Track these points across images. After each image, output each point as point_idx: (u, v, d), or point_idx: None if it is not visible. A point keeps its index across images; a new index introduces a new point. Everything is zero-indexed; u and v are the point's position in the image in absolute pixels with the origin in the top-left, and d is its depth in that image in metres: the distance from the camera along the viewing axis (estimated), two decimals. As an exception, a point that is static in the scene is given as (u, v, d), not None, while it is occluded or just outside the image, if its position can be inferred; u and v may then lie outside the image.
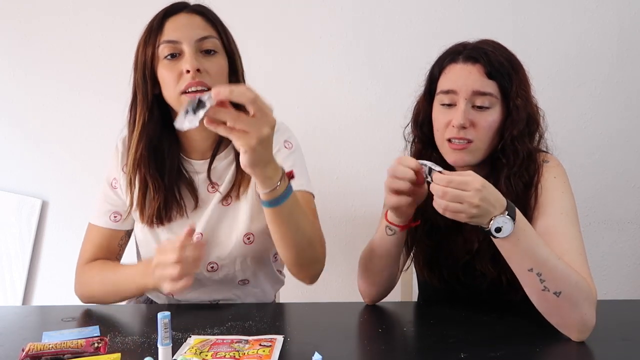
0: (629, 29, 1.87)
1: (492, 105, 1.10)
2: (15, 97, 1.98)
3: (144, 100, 1.15)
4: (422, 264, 1.26)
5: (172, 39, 1.12)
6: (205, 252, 1.07)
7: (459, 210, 0.93)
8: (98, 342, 0.94)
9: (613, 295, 1.92)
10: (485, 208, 0.92)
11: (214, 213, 1.22)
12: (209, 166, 1.21)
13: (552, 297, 0.97)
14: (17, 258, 2.01)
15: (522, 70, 1.15)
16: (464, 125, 1.09)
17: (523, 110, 1.11)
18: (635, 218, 1.94)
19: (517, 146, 1.10)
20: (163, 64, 1.13)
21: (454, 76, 1.12)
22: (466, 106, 1.09)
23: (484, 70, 1.10)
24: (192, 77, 1.09)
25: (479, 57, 1.10)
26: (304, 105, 1.94)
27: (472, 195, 0.91)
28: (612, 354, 0.97)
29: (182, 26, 1.14)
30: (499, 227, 0.94)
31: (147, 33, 1.16)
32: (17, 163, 2.00)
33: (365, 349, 1.00)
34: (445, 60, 1.15)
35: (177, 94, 1.11)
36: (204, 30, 1.14)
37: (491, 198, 0.93)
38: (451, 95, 1.11)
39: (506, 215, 0.94)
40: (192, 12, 1.17)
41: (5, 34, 1.96)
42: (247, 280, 1.30)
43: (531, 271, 0.96)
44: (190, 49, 1.11)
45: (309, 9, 1.91)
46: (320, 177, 1.94)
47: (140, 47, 1.16)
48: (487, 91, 1.09)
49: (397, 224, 1.10)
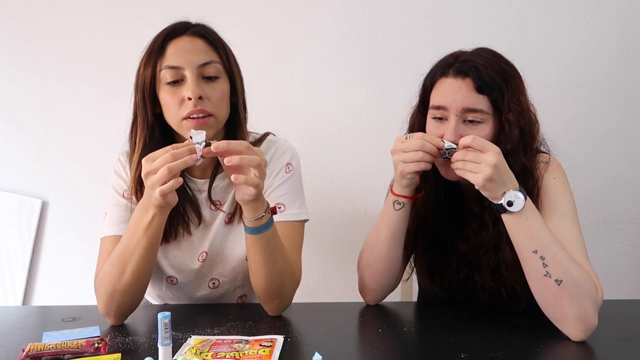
0: (629, 29, 1.87)
1: (484, 120, 1.10)
2: (15, 97, 1.98)
3: (144, 121, 1.15)
4: (422, 272, 1.26)
5: (174, 64, 1.11)
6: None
7: (476, 170, 0.98)
8: (98, 342, 0.94)
9: (613, 295, 1.91)
10: (499, 174, 0.98)
11: (219, 232, 1.24)
12: (209, 185, 1.22)
13: (553, 285, 0.98)
14: (17, 258, 2.01)
15: (516, 81, 1.12)
16: (455, 141, 1.08)
17: (516, 126, 1.10)
18: (635, 218, 1.94)
19: (510, 161, 1.08)
20: (165, 89, 1.13)
21: (444, 92, 1.12)
22: (457, 122, 1.09)
23: (474, 85, 1.08)
24: (193, 104, 1.09)
25: (468, 71, 1.09)
26: (304, 105, 1.94)
27: (490, 155, 0.98)
28: (612, 354, 0.97)
29: (184, 51, 1.12)
30: (511, 201, 0.99)
31: (147, 54, 1.14)
32: (17, 163, 2.00)
33: (365, 349, 1.00)
34: (436, 73, 1.15)
35: (179, 119, 1.12)
36: (206, 55, 1.14)
37: (506, 170, 1.00)
38: (442, 110, 1.12)
39: (519, 191, 0.99)
40: (194, 34, 1.15)
41: (5, 34, 1.95)
42: (245, 296, 1.32)
43: (535, 253, 0.99)
44: (192, 75, 1.10)
45: (309, 9, 1.91)
46: (320, 177, 1.94)
47: (141, 68, 1.15)
48: (477, 107, 1.09)
49: (405, 195, 1.14)
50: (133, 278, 1.06)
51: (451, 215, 1.20)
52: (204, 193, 1.23)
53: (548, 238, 0.99)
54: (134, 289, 1.08)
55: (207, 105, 1.11)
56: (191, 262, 1.23)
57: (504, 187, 0.99)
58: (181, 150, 0.97)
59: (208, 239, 1.23)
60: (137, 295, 1.11)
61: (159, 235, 1.07)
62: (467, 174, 1.01)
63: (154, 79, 1.13)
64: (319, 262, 1.98)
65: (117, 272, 1.06)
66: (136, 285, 1.08)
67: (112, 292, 1.08)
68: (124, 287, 1.07)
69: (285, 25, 1.92)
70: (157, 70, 1.12)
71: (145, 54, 1.15)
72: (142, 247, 1.05)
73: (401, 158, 1.09)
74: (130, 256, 1.05)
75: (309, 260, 1.93)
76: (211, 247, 1.23)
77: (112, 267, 1.07)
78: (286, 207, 1.21)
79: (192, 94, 1.09)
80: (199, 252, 1.23)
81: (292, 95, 1.93)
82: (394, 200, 1.15)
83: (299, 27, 1.91)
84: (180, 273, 1.25)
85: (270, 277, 1.10)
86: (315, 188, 1.94)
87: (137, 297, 1.11)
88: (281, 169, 1.24)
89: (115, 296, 1.08)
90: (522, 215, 0.99)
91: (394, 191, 1.15)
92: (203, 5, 1.88)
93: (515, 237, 1.02)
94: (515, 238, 1.02)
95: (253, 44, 1.88)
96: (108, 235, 1.18)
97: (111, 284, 1.07)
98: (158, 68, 1.12)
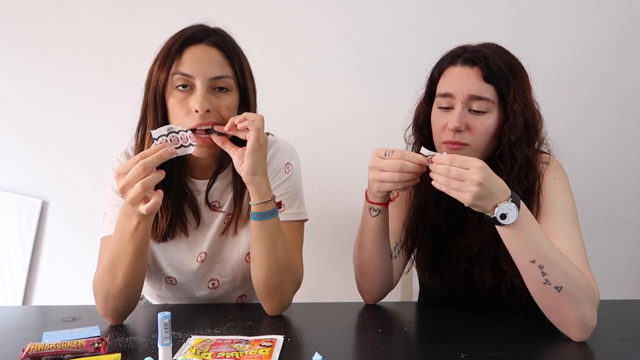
0: (629, 29, 1.87)
1: (489, 109, 1.10)
2: (15, 97, 1.98)
3: (154, 122, 1.14)
4: (423, 266, 1.26)
5: (186, 72, 1.10)
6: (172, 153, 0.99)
7: (462, 189, 0.93)
8: (98, 342, 0.94)
9: (613, 295, 1.92)
10: (488, 189, 0.93)
11: (218, 233, 1.23)
12: (208, 186, 1.22)
13: (553, 292, 0.97)
14: (17, 258, 2.01)
15: (522, 75, 1.14)
16: (459, 128, 1.09)
17: (520, 116, 1.10)
18: (635, 218, 1.94)
19: (514, 152, 1.10)
20: (174, 94, 1.11)
21: (452, 79, 1.13)
22: (462, 110, 1.10)
23: (482, 74, 1.10)
24: (200, 117, 1.09)
25: (477, 60, 1.11)
26: (304, 105, 1.94)
27: (473, 172, 0.92)
28: (612, 354, 0.97)
29: (198, 61, 1.11)
30: (504, 214, 0.94)
31: (163, 56, 1.13)
32: (17, 163, 2.00)
33: (365, 349, 1.00)
34: (445, 62, 1.16)
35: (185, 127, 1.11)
36: (221, 69, 1.12)
37: (494, 182, 0.94)
38: (448, 98, 1.12)
39: (511, 202, 0.94)
40: (212, 44, 1.13)
41: (5, 34, 1.95)
42: (244, 296, 1.32)
43: (533, 263, 0.97)
44: (202, 86, 1.09)
45: (309, 9, 1.91)
46: (320, 177, 1.94)
47: (154, 69, 1.14)
48: (483, 95, 1.09)
49: (380, 202, 1.12)
50: (125, 282, 1.07)
51: (451, 210, 1.19)
52: (204, 194, 1.23)
53: (545, 246, 0.97)
54: (127, 292, 1.08)
55: (214, 117, 1.11)
56: (190, 263, 1.23)
57: (495, 200, 0.94)
58: (151, 159, 0.96)
59: (207, 240, 1.23)
60: (132, 298, 1.11)
61: (146, 239, 1.06)
62: (452, 193, 0.96)
63: (165, 82, 1.12)
64: (319, 262, 1.98)
65: (109, 277, 1.07)
66: (129, 289, 1.08)
67: (106, 296, 1.08)
68: (117, 292, 1.07)
69: (285, 25, 1.92)
70: (170, 73, 1.11)
71: (160, 54, 1.14)
72: (130, 253, 1.04)
73: (377, 177, 1.05)
74: (119, 262, 1.05)
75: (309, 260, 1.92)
76: (210, 247, 1.23)
77: (104, 273, 1.08)
78: (286, 207, 1.21)
79: (199, 107, 1.08)
80: (198, 253, 1.23)
81: (292, 95, 1.93)
82: (369, 207, 1.13)
83: (299, 27, 1.91)
84: (179, 273, 1.25)
85: (271, 269, 1.10)
86: (315, 188, 1.94)
87: (133, 299, 1.11)
88: (280, 168, 1.24)
89: (110, 300, 1.09)
90: (517, 226, 0.96)
91: (368, 199, 1.13)
92: (203, 5, 1.88)
93: (511, 248, 0.99)
94: (511, 249, 0.99)
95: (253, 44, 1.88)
96: (108, 235, 1.17)
97: (105, 289, 1.08)
98: (171, 72, 1.11)
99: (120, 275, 1.06)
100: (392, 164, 1.03)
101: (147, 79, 1.16)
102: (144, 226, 1.03)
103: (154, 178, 0.96)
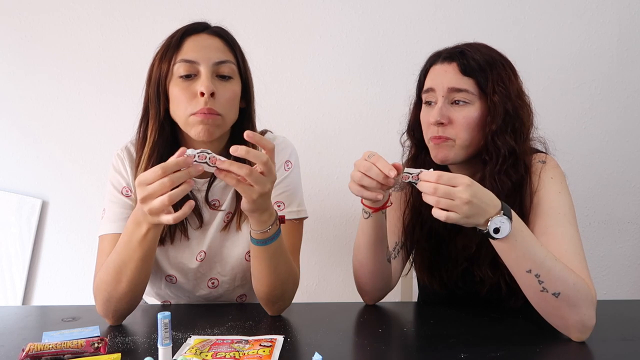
0: (629, 29, 1.87)
1: (471, 101, 1.13)
2: (15, 97, 1.98)
3: (156, 116, 1.14)
4: (422, 268, 1.26)
5: (190, 58, 1.11)
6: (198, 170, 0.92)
7: (451, 208, 0.91)
8: (98, 342, 0.94)
9: (613, 295, 1.92)
10: (478, 205, 0.91)
11: (217, 232, 1.23)
12: (208, 185, 1.22)
13: (551, 298, 0.97)
14: (17, 258, 2.01)
15: (503, 68, 1.15)
16: (441, 120, 1.11)
17: (500, 106, 1.11)
18: (635, 218, 1.94)
19: (497, 143, 1.11)
20: (176, 82, 1.11)
21: (433, 76, 1.17)
22: (443, 103, 1.13)
23: (459, 68, 1.14)
24: (205, 101, 1.08)
25: (455, 56, 1.15)
26: (304, 105, 1.94)
27: (461, 191, 0.91)
28: (612, 354, 0.97)
29: (201, 47, 1.12)
30: (497, 228, 0.94)
31: (164, 49, 1.14)
32: (17, 163, 2.00)
33: (365, 349, 1.00)
34: (428, 63, 1.21)
35: (187, 114, 1.11)
36: (223, 54, 1.13)
37: (484, 197, 0.93)
38: (431, 93, 1.16)
39: (503, 215, 0.93)
40: (212, 34, 1.15)
41: (4, 32, 1.95)
42: (245, 296, 1.32)
43: (529, 272, 0.97)
44: (207, 71, 1.10)
45: (309, 9, 1.91)
46: (320, 177, 1.94)
47: (155, 63, 1.14)
48: (462, 87, 1.12)
49: (370, 207, 1.11)
50: (129, 287, 1.06)
51: None
52: (203, 193, 1.22)
53: (540, 254, 0.96)
54: (131, 296, 1.08)
55: (217, 105, 1.10)
56: (190, 262, 1.23)
57: (487, 215, 0.93)
58: (180, 174, 0.91)
59: (207, 239, 1.23)
60: (134, 301, 1.10)
61: (153, 246, 1.05)
62: (441, 214, 0.92)
63: (167, 74, 1.12)
64: (319, 262, 1.98)
65: (112, 280, 1.06)
66: (132, 293, 1.08)
67: (108, 298, 1.08)
68: (120, 295, 1.07)
69: (285, 25, 1.92)
70: (172, 63, 1.12)
71: (161, 48, 1.15)
72: (137, 259, 1.03)
73: (352, 174, 1.04)
74: (125, 267, 1.04)
75: (309, 260, 1.94)
76: (210, 246, 1.23)
77: (108, 275, 1.06)
78: (285, 205, 1.21)
79: (205, 89, 1.08)
80: (197, 252, 1.23)
81: (292, 95, 1.93)
82: (362, 208, 1.14)
83: (299, 27, 1.91)
84: (179, 272, 1.24)
85: (273, 285, 1.10)
86: (315, 188, 1.94)
87: (134, 302, 1.11)
88: (280, 166, 1.23)
89: (112, 302, 1.08)
90: (510, 239, 0.94)
91: (362, 200, 1.13)
92: (203, 5, 1.89)
93: (506, 260, 0.99)
94: (507, 260, 0.99)
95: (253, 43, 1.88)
96: (107, 233, 1.17)
97: (107, 291, 1.07)
98: (173, 62, 1.12)
99: (125, 280, 1.05)
100: (363, 164, 1.01)
101: (148, 74, 1.17)
102: (153, 234, 1.02)
103: (181, 192, 0.92)
